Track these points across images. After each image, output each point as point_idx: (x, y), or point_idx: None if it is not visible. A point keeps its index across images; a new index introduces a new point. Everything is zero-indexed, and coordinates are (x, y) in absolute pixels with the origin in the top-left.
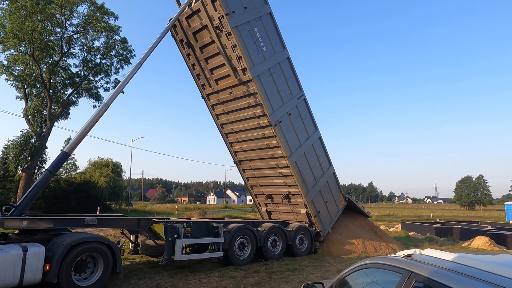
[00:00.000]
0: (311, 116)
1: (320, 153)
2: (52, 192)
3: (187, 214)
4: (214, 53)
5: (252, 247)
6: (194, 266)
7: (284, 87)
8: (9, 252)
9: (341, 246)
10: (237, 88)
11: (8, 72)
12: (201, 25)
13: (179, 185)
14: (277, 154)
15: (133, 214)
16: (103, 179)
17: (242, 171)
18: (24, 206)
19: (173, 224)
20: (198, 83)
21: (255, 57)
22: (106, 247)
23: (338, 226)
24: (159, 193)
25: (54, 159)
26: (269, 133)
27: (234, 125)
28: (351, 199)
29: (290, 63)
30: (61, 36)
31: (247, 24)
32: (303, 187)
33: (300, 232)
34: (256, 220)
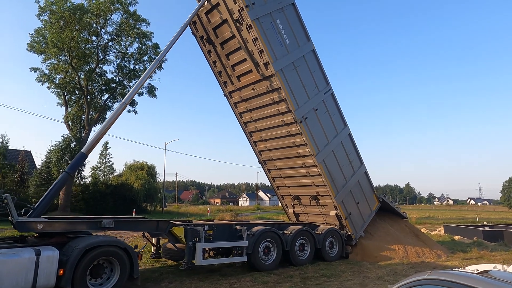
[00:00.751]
0: (340, 112)
1: (350, 151)
2: (91, 194)
3: (219, 215)
4: (235, 48)
5: (278, 251)
6: (225, 270)
7: (310, 82)
8: (21, 256)
9: (379, 250)
10: (259, 84)
11: (50, 81)
12: (221, 19)
13: (211, 187)
14: (303, 152)
15: (167, 215)
16: (139, 181)
17: (268, 171)
18: (42, 208)
19: (194, 227)
20: (220, 81)
21: (277, 50)
22: (123, 251)
23: (375, 229)
24: (192, 195)
25: (72, 160)
26: (294, 130)
27: (258, 123)
28: (386, 199)
29: (315, 56)
30: (97, 44)
31: (268, 16)
32: (332, 187)
33: (330, 236)
34: (282, 223)
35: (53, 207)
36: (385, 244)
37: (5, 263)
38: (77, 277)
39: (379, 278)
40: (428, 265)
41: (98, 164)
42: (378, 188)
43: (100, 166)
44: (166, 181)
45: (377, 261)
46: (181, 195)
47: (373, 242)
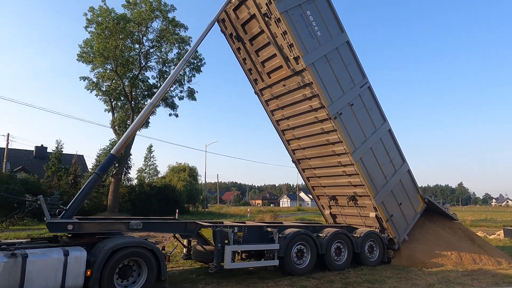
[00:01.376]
0: (378, 106)
1: (390, 148)
2: (137, 196)
3: (259, 217)
4: (264, 44)
5: (312, 255)
6: (262, 273)
7: (344, 75)
8: (50, 256)
9: (430, 255)
10: (290, 80)
11: (97, 88)
12: (249, 14)
13: (252, 188)
14: (338, 150)
15: (209, 216)
16: (181, 183)
17: (302, 171)
18: (74, 209)
19: (222, 229)
20: (250, 78)
21: (308, 44)
22: (150, 252)
23: (424, 232)
24: (234, 196)
25: (102, 162)
26: (328, 127)
27: (290, 120)
28: (432, 200)
29: (350, 47)
30: (139, 51)
31: (298, 8)
32: (371, 187)
33: (370, 239)
34: (317, 225)
35: (103, 208)
36: (436, 249)
37: (35, 263)
38: (105, 278)
39: (430, 286)
40: (487, 272)
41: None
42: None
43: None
44: (208, 182)
45: (427, 267)
46: (222, 196)
47: (422, 246)
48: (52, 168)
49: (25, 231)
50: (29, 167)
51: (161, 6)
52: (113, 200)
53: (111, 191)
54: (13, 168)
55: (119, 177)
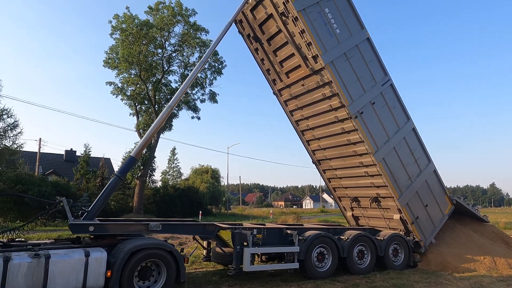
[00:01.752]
0: (401, 104)
1: (415, 148)
2: (161, 197)
3: (282, 218)
4: (282, 43)
5: (334, 258)
6: (285, 275)
7: (365, 73)
8: (72, 257)
9: (461, 259)
10: (309, 79)
11: (122, 93)
12: (266, 14)
13: (275, 190)
14: (360, 150)
15: (232, 218)
16: (204, 184)
17: (322, 172)
18: (96, 211)
19: (241, 231)
20: (269, 79)
21: (327, 42)
22: (169, 254)
23: (455, 235)
24: (256, 198)
25: (122, 164)
26: (349, 127)
27: (310, 120)
28: (460, 201)
29: (371, 44)
30: (162, 56)
31: (315, 6)
32: (395, 189)
33: (394, 242)
34: (339, 227)
35: (129, 209)
36: (467, 253)
37: (57, 263)
38: (125, 278)
39: None
40: None
41: (167, 169)
42: (456, 189)
43: (169, 170)
44: (230, 184)
45: (458, 272)
46: (245, 197)
47: (452, 249)
48: (81, 171)
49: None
50: (60, 170)
51: (183, 11)
52: (138, 202)
53: (137, 193)
54: (45, 171)
55: (144, 179)
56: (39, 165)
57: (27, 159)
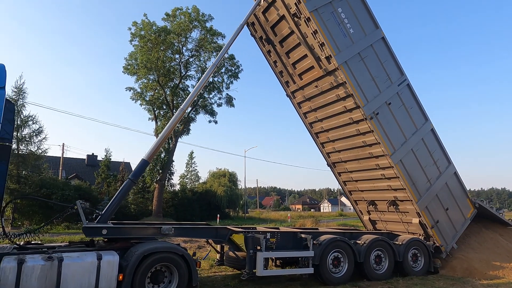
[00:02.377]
0: (419, 105)
1: (434, 149)
2: (180, 201)
3: (300, 222)
4: (294, 45)
5: (350, 263)
6: (305, 280)
7: (380, 73)
8: (84, 260)
9: (488, 266)
10: (323, 80)
11: (142, 98)
12: (278, 16)
13: (292, 193)
14: (376, 152)
15: (249, 221)
16: (221, 188)
17: (338, 174)
18: (109, 214)
19: (254, 235)
20: (282, 81)
21: (340, 42)
22: (181, 258)
23: (482, 240)
24: (274, 201)
25: (135, 168)
26: (364, 128)
27: (324, 122)
28: (483, 204)
29: (386, 43)
30: (179, 61)
31: (328, 6)
32: (413, 191)
33: (413, 247)
34: (355, 231)
35: (148, 213)
36: (495, 258)
37: (70, 266)
38: (136, 282)
39: None
40: None
41: (185, 172)
42: (480, 192)
43: (187, 174)
44: (248, 187)
45: (486, 278)
46: (262, 201)
47: (479, 255)
48: (102, 175)
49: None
50: (82, 174)
51: (199, 16)
52: (157, 205)
53: (156, 196)
54: (68, 175)
55: (163, 183)
56: (63, 169)
57: (51, 164)
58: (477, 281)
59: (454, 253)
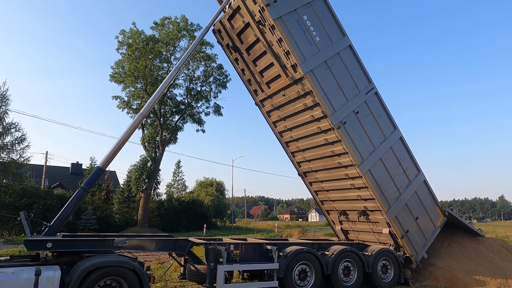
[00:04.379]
0: (387, 113)
1: (403, 157)
2: (166, 211)
3: (287, 232)
4: (261, 53)
5: (317, 275)
6: None
7: (347, 81)
8: (19, 276)
9: (470, 275)
10: (290, 89)
11: (128, 107)
12: (244, 23)
13: (280, 202)
14: (345, 162)
15: (237, 231)
16: (208, 197)
17: (309, 184)
18: (58, 226)
19: (216, 247)
20: (250, 89)
21: (306, 50)
22: (132, 272)
23: (464, 250)
24: (261, 211)
25: (88, 176)
26: (332, 138)
27: (293, 132)
28: (452, 213)
29: (353, 51)
30: (167, 70)
31: (293, 13)
32: (382, 201)
33: (383, 258)
34: (324, 242)
35: (133, 223)
36: (477, 269)
37: (3, 283)
38: None
39: None
40: None
41: (172, 181)
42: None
43: (174, 183)
44: (236, 197)
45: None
46: (250, 210)
47: (462, 265)
48: None
49: None
50: (66, 183)
51: (188, 25)
52: (143, 215)
53: (141, 206)
54: (51, 184)
55: (149, 192)
56: (46, 178)
57: (34, 172)
58: None
59: (437, 263)
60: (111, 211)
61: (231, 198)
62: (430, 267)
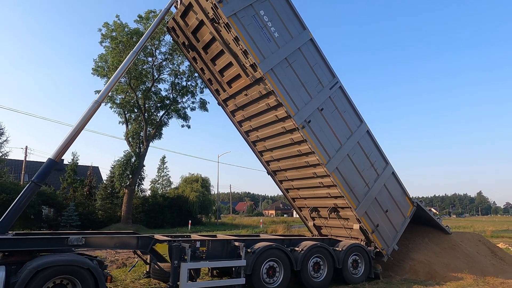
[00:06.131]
0: (353, 107)
1: (370, 151)
2: (151, 207)
3: (272, 227)
4: (218, 52)
5: (286, 272)
6: None
7: (310, 77)
8: None
9: (448, 268)
10: (252, 89)
11: (112, 101)
12: (197, 21)
13: (266, 198)
14: (312, 161)
15: (222, 227)
16: (194, 193)
17: (279, 182)
18: (7, 223)
19: (181, 244)
20: (211, 89)
21: (264, 48)
22: (87, 271)
23: (442, 244)
24: (247, 207)
25: (40, 169)
26: (298, 137)
27: (259, 131)
28: (422, 205)
29: (314, 45)
30: (152, 64)
31: (249, 9)
32: (351, 198)
33: (353, 253)
34: (294, 237)
35: (117, 219)
36: (454, 262)
37: None
38: None
39: None
40: (511, 286)
41: (157, 177)
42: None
43: (158, 179)
44: (221, 192)
45: (446, 281)
46: (236, 206)
47: (440, 259)
48: (68, 179)
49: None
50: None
51: None
52: (126, 211)
53: (125, 202)
54: (30, 179)
55: (133, 188)
56: (25, 173)
57: (13, 168)
58: (438, 284)
59: (417, 258)
60: (94, 207)
61: (217, 194)
62: (410, 261)
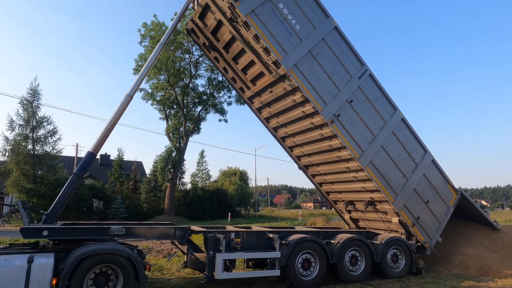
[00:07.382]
0: (385, 95)
1: (406, 140)
2: (191, 200)
3: (311, 220)
4: (239, 51)
5: (322, 265)
6: (272, 282)
7: (337, 68)
8: (12, 263)
9: (502, 264)
10: (276, 86)
11: (152, 98)
12: (216, 21)
13: (303, 191)
14: (344, 156)
15: (261, 219)
16: (232, 186)
17: (311, 177)
18: (55, 214)
19: (216, 235)
20: (236, 88)
21: (286, 43)
22: (127, 260)
23: (493, 238)
24: (285, 199)
25: (81, 161)
26: (327, 132)
27: (287, 127)
28: (466, 195)
29: (340, 33)
30: (189, 61)
31: (267, 3)
32: (388, 192)
33: (393, 247)
34: (330, 230)
35: (160, 211)
36: (510, 257)
37: None
38: (72, 286)
39: None
40: None
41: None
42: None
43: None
44: (259, 185)
45: (500, 277)
46: (273, 199)
47: (493, 254)
48: (115, 174)
49: None
50: (96, 174)
51: None
52: (169, 204)
53: (167, 195)
54: None
55: (174, 182)
56: None
57: (66, 164)
58: (491, 280)
59: (468, 252)
60: (139, 200)
61: (254, 187)
62: (460, 255)
